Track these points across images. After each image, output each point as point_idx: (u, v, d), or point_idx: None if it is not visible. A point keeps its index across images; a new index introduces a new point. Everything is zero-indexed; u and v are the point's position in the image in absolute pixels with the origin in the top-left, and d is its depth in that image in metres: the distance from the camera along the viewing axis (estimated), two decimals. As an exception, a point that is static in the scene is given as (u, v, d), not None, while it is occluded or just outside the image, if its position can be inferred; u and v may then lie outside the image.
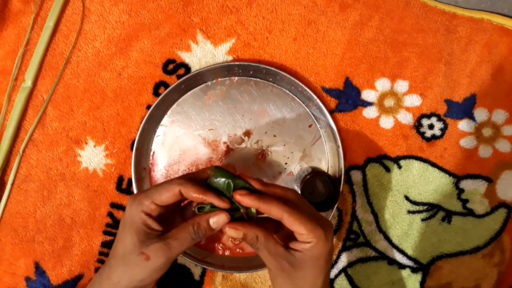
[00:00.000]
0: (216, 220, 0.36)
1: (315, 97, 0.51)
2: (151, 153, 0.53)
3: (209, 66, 0.51)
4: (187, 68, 0.53)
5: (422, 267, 0.54)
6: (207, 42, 0.53)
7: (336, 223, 0.54)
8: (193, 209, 0.38)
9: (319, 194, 0.51)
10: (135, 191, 0.52)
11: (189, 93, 0.52)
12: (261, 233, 0.36)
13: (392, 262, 0.54)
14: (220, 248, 0.53)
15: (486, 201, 0.53)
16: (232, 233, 0.36)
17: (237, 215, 0.37)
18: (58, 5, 0.52)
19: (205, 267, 0.52)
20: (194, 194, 0.36)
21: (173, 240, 0.36)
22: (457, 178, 0.53)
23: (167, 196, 0.36)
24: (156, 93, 0.53)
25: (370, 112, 0.53)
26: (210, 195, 0.36)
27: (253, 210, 0.37)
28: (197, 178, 0.38)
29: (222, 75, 0.52)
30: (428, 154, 0.53)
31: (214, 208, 0.37)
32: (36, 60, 0.52)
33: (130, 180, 0.53)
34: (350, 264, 0.54)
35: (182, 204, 0.41)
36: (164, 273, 0.37)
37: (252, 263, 0.52)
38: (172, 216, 0.40)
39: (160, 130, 0.53)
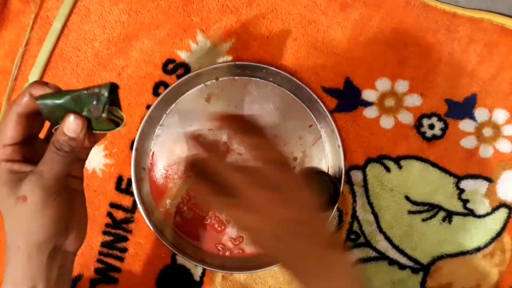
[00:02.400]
0: (68, 126, 0.31)
1: (315, 97, 0.51)
2: (151, 153, 0.53)
3: (209, 66, 0.51)
4: (187, 68, 0.53)
5: (422, 268, 0.54)
6: (207, 42, 0.53)
7: (336, 224, 0.53)
8: (52, 131, 0.33)
9: (319, 194, 0.51)
10: (134, 191, 0.52)
11: (189, 93, 0.52)
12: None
13: (393, 262, 0.54)
14: (220, 248, 0.53)
15: (486, 201, 0.53)
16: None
17: (103, 124, 0.32)
18: (66, 7, 0.51)
19: (205, 267, 0.52)
20: (20, 101, 0.31)
21: (42, 166, 0.31)
22: (458, 178, 0.53)
23: (11, 129, 0.31)
24: (155, 93, 0.53)
25: (370, 112, 0.53)
26: (34, 86, 0.31)
27: (121, 113, 0.32)
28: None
29: (222, 75, 0.52)
30: (429, 154, 0.53)
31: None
32: (41, 62, 0.52)
33: (129, 180, 0.53)
34: (351, 265, 0.54)
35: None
36: (164, 273, 0.37)
37: (252, 264, 0.52)
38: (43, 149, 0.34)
39: (159, 130, 0.53)
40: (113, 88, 0.31)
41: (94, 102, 0.31)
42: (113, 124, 0.33)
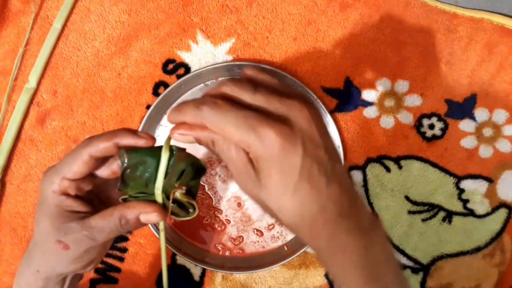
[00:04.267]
0: (149, 218, 0.30)
1: (315, 97, 0.51)
2: (151, 153, 0.53)
3: (209, 66, 0.51)
4: (187, 68, 0.53)
5: (422, 268, 0.54)
6: (207, 41, 0.53)
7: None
8: (120, 199, 0.32)
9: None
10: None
11: (189, 92, 0.52)
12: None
13: (393, 262, 0.54)
14: (220, 248, 0.53)
15: (486, 201, 0.53)
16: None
17: (178, 208, 0.32)
18: (67, 7, 0.51)
19: (205, 267, 0.52)
20: (101, 145, 0.29)
21: (97, 232, 0.30)
22: (458, 178, 0.53)
23: (78, 166, 0.29)
24: (155, 93, 0.53)
25: (370, 112, 0.53)
26: (123, 134, 0.30)
27: (194, 202, 0.32)
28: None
29: (222, 75, 0.52)
30: (429, 154, 0.53)
31: (140, 195, 0.30)
32: (41, 62, 0.52)
33: (129, 180, 0.53)
34: (350, 265, 0.54)
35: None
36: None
37: (252, 264, 0.52)
38: (104, 189, 0.33)
39: (160, 130, 0.53)
40: (201, 171, 0.31)
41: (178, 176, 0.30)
42: (184, 210, 0.32)
